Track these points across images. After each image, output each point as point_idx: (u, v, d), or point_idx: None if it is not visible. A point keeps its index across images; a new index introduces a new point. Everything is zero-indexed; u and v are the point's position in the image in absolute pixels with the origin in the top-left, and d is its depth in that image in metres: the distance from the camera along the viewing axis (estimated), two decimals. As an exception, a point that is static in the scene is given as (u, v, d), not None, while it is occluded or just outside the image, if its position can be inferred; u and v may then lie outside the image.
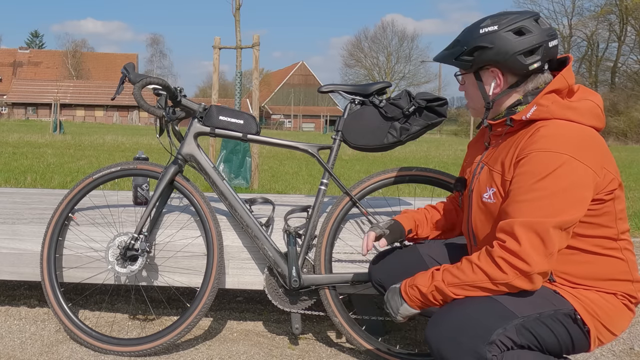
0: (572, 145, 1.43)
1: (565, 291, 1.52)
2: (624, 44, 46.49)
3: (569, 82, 1.54)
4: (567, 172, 1.40)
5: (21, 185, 6.56)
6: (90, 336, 2.18)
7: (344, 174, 9.31)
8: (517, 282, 1.40)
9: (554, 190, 1.40)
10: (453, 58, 1.63)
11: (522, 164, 1.47)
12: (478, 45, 1.56)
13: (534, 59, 1.54)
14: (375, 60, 66.40)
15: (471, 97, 1.68)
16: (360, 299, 2.32)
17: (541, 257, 1.38)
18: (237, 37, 6.54)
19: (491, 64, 1.58)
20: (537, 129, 1.49)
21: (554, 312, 1.46)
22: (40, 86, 58.06)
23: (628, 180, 9.68)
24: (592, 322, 1.49)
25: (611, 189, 1.47)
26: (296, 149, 2.28)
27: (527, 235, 1.39)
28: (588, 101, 1.53)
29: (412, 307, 1.57)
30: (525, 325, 1.42)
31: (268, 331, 2.49)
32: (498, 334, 1.39)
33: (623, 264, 1.52)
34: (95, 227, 2.36)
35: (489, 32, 1.55)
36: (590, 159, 1.42)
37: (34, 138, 17.58)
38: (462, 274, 1.47)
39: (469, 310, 1.43)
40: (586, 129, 1.49)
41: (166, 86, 2.08)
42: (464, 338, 1.40)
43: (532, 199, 1.41)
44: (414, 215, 1.94)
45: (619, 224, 1.51)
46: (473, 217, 1.66)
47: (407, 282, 1.59)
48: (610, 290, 1.52)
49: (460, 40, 1.62)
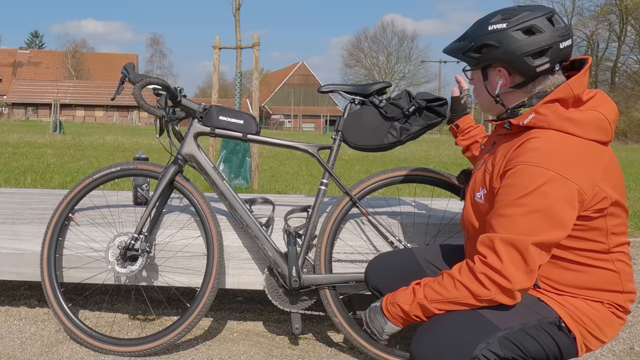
0: (560, 160, 1.37)
1: (550, 298, 1.50)
2: (624, 43, 46.46)
3: (576, 91, 1.46)
4: (552, 190, 1.36)
5: (21, 185, 6.56)
6: (90, 336, 2.18)
7: (344, 174, 9.31)
8: (499, 297, 1.40)
9: (536, 207, 1.36)
10: (461, 53, 1.58)
11: (508, 176, 1.43)
12: (485, 43, 1.51)
13: (542, 61, 1.47)
14: (375, 60, 66.45)
15: (478, 93, 1.65)
16: (360, 299, 2.32)
17: (522, 274, 1.37)
18: (237, 37, 6.55)
19: (498, 62, 1.52)
20: (528, 139, 1.44)
21: (538, 321, 1.44)
22: (40, 86, 58.04)
23: (628, 180, 9.67)
24: (578, 329, 1.46)
25: (600, 208, 1.41)
26: (296, 149, 2.28)
27: (508, 252, 1.37)
28: (594, 112, 1.44)
29: (396, 325, 1.56)
30: (509, 337, 1.41)
31: (268, 331, 2.49)
32: (481, 348, 1.38)
33: (613, 274, 1.48)
34: (95, 227, 2.36)
35: (497, 30, 1.49)
36: (578, 175, 1.37)
37: (34, 138, 17.57)
38: (445, 290, 1.45)
39: (452, 324, 1.42)
40: (583, 143, 1.41)
41: (166, 86, 2.08)
42: (447, 354, 1.39)
43: (514, 214, 1.39)
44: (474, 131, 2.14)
45: (612, 239, 1.46)
46: (465, 212, 1.66)
47: (388, 299, 1.58)
48: (597, 298, 1.49)
49: (469, 35, 1.56)
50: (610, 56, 48.12)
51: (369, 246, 2.29)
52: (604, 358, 2.27)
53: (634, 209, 6.09)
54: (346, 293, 2.26)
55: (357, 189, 2.21)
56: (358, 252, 2.28)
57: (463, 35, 1.60)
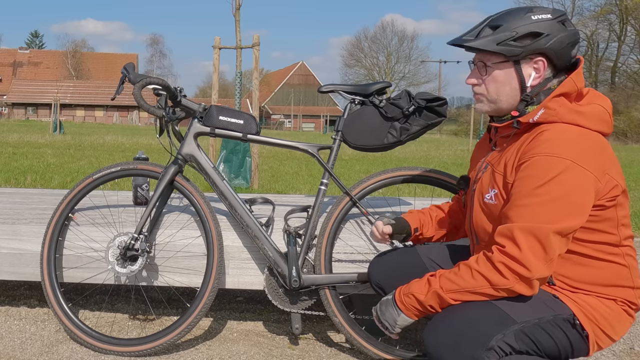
0: (574, 150, 1.41)
1: (565, 296, 1.51)
2: (624, 43, 46.48)
3: (578, 85, 1.51)
4: (569, 178, 1.38)
5: (21, 185, 6.56)
6: (90, 336, 2.18)
7: (344, 174, 9.31)
8: (517, 287, 1.40)
9: (555, 195, 1.38)
10: (495, 44, 1.50)
11: (523, 168, 1.45)
12: (533, 32, 1.48)
13: (575, 52, 1.51)
14: (375, 60, 66.45)
15: (500, 89, 1.56)
16: (360, 299, 2.32)
17: (541, 263, 1.38)
18: (237, 37, 6.54)
19: (539, 53, 1.50)
20: (540, 132, 1.47)
21: (553, 317, 1.45)
22: (40, 86, 58.03)
23: (628, 180, 9.67)
24: (591, 327, 1.48)
25: (613, 196, 1.44)
26: (296, 149, 2.28)
27: (527, 241, 1.38)
28: (597, 105, 1.50)
29: (409, 317, 1.55)
30: (524, 331, 1.42)
31: (268, 331, 2.49)
32: (497, 339, 1.38)
33: (624, 269, 1.51)
34: (95, 227, 2.36)
35: (543, 20, 1.48)
36: (592, 164, 1.40)
37: (34, 138, 17.58)
38: (461, 279, 1.45)
39: (468, 315, 1.42)
40: (591, 134, 1.46)
41: (166, 86, 2.08)
42: (463, 344, 1.39)
43: (532, 204, 1.40)
44: (419, 215, 1.93)
45: (621, 231, 1.49)
46: (475, 216, 1.65)
47: (402, 290, 1.57)
48: (611, 295, 1.51)
49: (506, 25, 1.50)
50: (610, 56, 48.18)
51: (369, 246, 2.29)
52: (604, 358, 2.27)
53: (634, 209, 6.09)
54: (346, 293, 2.26)
55: (357, 189, 2.21)
56: (358, 252, 2.28)
57: (491, 27, 1.52)
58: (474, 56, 1.61)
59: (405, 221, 1.88)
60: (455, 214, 1.93)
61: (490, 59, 1.55)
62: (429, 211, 1.95)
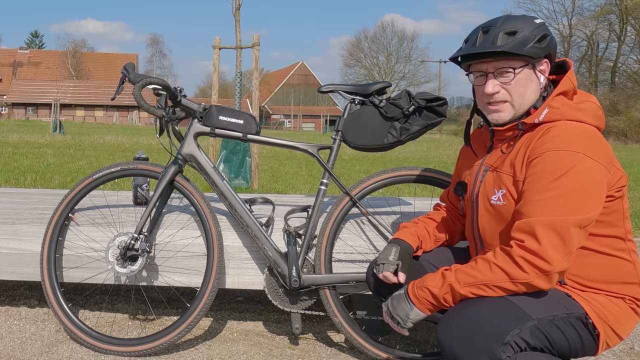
0: (584, 143, 1.44)
1: (577, 294, 1.52)
2: (624, 43, 46.49)
3: (574, 84, 1.58)
4: (582, 170, 1.41)
5: (21, 185, 6.56)
6: (90, 336, 2.18)
7: (344, 174, 9.31)
8: (536, 281, 1.40)
9: (571, 188, 1.40)
10: (524, 46, 1.50)
11: (535, 164, 1.46)
12: (544, 34, 1.53)
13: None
14: (375, 60, 66.47)
15: (525, 93, 1.55)
16: (360, 299, 2.32)
17: (561, 256, 1.38)
18: (237, 37, 6.54)
19: (546, 54, 1.57)
20: (548, 129, 1.50)
21: (566, 315, 1.46)
22: (40, 86, 58.07)
23: (628, 180, 9.67)
24: (602, 326, 1.49)
25: (620, 186, 1.50)
26: (296, 149, 2.28)
27: (547, 234, 1.38)
28: (591, 102, 1.57)
29: (422, 311, 1.54)
30: (540, 327, 1.42)
31: (268, 331, 2.49)
32: (513, 335, 1.39)
33: (630, 266, 1.53)
34: (95, 227, 2.36)
35: (542, 24, 1.56)
36: (602, 156, 1.45)
37: (34, 138, 17.58)
38: (479, 272, 1.45)
39: (484, 310, 1.42)
40: (592, 129, 1.51)
41: (166, 86, 2.08)
42: (478, 337, 1.39)
43: (549, 198, 1.41)
44: (416, 230, 1.86)
45: (626, 223, 1.54)
46: (480, 220, 1.65)
47: (415, 284, 1.56)
48: (619, 293, 1.53)
49: (524, 30, 1.51)
50: (610, 56, 48.20)
51: (369, 246, 2.29)
52: (604, 358, 2.27)
53: (634, 209, 6.09)
54: (346, 293, 2.26)
55: (357, 189, 2.21)
56: (358, 252, 2.28)
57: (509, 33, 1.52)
58: (487, 65, 1.56)
59: (406, 245, 1.80)
60: (448, 223, 1.90)
61: (514, 64, 1.54)
62: (424, 225, 1.88)
